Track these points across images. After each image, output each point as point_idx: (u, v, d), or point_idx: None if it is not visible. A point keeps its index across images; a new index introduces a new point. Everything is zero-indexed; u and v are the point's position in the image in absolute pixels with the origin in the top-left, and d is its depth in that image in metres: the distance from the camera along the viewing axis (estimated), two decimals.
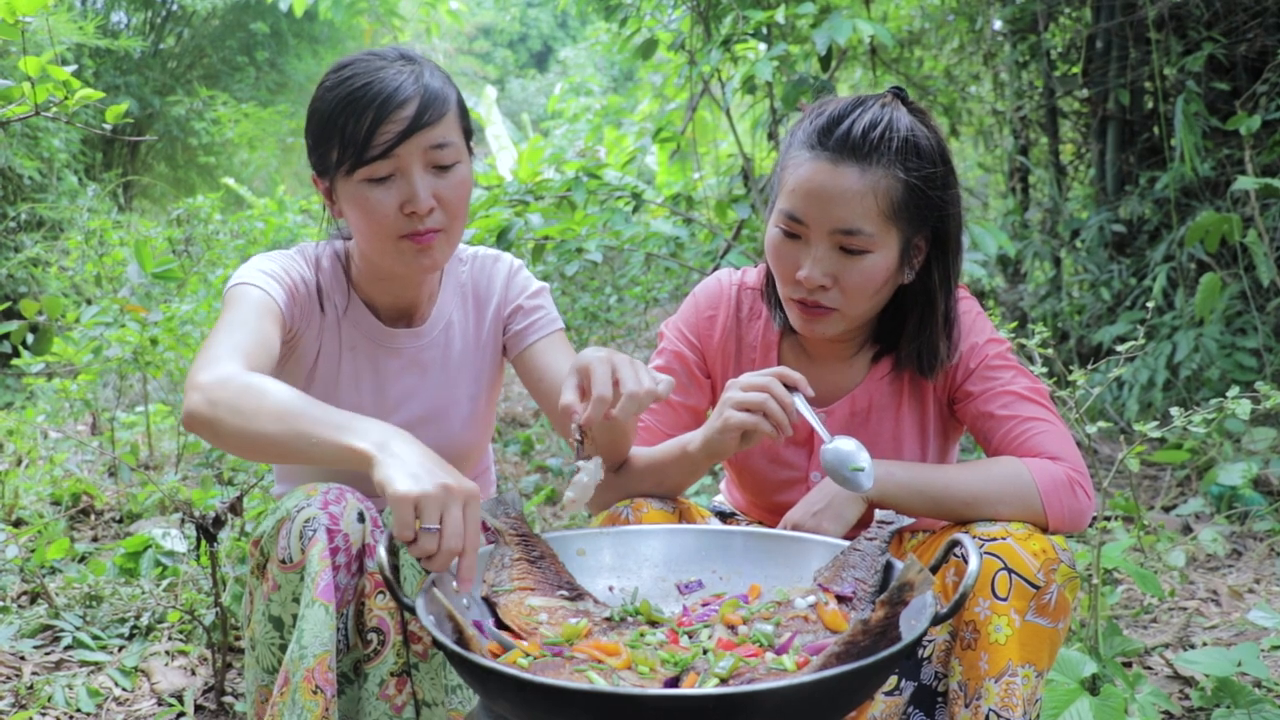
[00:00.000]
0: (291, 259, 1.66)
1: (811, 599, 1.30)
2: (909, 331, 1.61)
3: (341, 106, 1.49)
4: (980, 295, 4.60)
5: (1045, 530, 1.47)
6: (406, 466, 1.20)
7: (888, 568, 1.31)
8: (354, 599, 1.42)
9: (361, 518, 1.41)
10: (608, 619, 1.31)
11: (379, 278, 1.67)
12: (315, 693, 1.29)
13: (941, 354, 1.60)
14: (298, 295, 1.63)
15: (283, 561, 1.37)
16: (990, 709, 1.36)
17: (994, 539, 1.41)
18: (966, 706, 1.39)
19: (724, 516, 1.89)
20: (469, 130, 1.60)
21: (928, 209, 1.51)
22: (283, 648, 1.39)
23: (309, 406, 1.32)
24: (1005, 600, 1.38)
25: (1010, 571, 1.38)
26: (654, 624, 1.31)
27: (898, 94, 1.53)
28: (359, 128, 1.48)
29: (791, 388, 1.45)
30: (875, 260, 1.49)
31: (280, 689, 1.31)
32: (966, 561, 1.39)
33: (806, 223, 1.49)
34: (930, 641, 1.48)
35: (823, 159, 1.47)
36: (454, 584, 1.24)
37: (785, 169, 1.53)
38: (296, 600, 1.37)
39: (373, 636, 1.40)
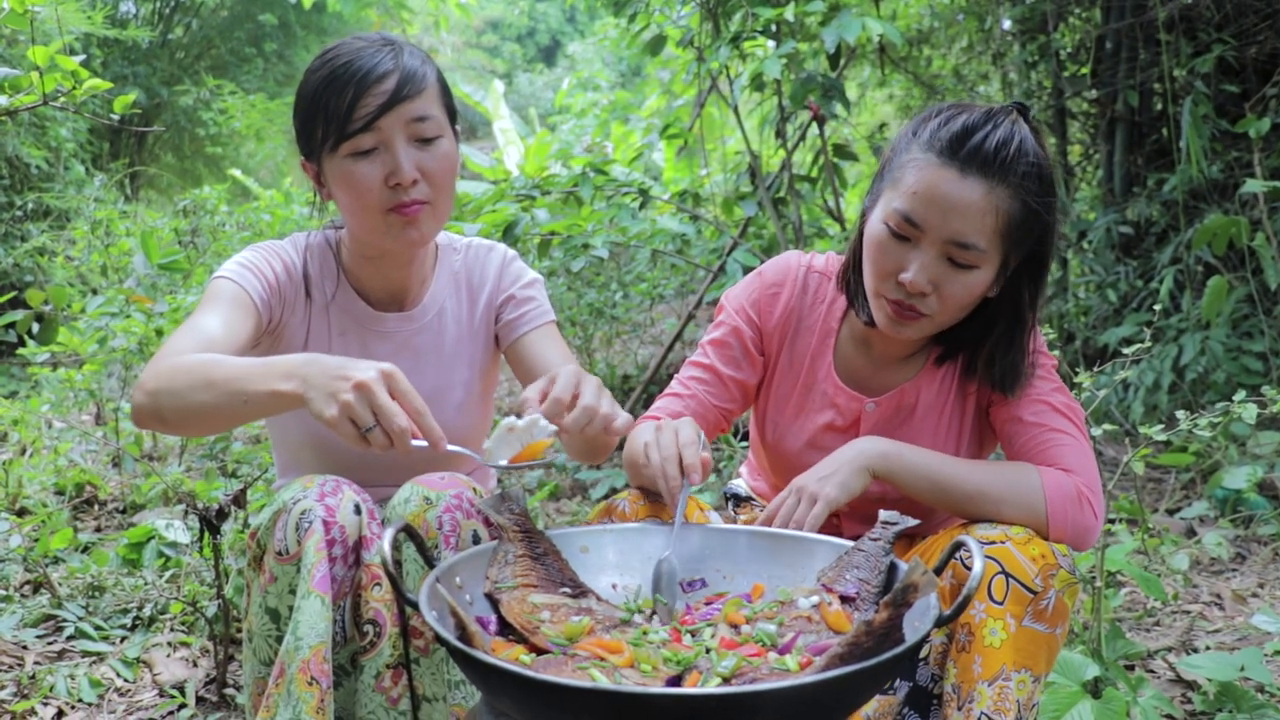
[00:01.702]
0: (278, 248, 1.69)
1: (815, 599, 1.29)
2: (993, 347, 1.60)
3: (324, 85, 1.53)
4: None
5: (1046, 538, 1.46)
6: (325, 388, 1.24)
7: (891, 569, 1.31)
8: (351, 591, 1.42)
9: (358, 510, 1.41)
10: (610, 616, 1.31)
11: (368, 258, 1.68)
12: (311, 684, 1.29)
13: (1023, 373, 1.59)
14: (278, 284, 1.65)
15: (279, 554, 1.37)
16: (982, 712, 1.36)
17: (992, 542, 1.40)
18: (959, 709, 1.38)
19: (739, 500, 1.88)
20: (452, 109, 1.63)
21: (1035, 232, 1.50)
22: (279, 640, 1.39)
23: (232, 366, 1.34)
24: (1001, 604, 1.37)
25: (1008, 576, 1.37)
26: None
27: (1021, 110, 1.51)
28: (341, 102, 1.51)
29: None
30: (978, 276, 1.49)
31: (276, 680, 1.32)
32: (967, 566, 1.39)
33: (922, 227, 1.47)
34: (927, 643, 1.48)
35: (951, 168, 1.44)
36: (427, 447, 1.27)
37: (904, 168, 1.49)
38: (293, 592, 1.37)
39: (369, 629, 1.40)
